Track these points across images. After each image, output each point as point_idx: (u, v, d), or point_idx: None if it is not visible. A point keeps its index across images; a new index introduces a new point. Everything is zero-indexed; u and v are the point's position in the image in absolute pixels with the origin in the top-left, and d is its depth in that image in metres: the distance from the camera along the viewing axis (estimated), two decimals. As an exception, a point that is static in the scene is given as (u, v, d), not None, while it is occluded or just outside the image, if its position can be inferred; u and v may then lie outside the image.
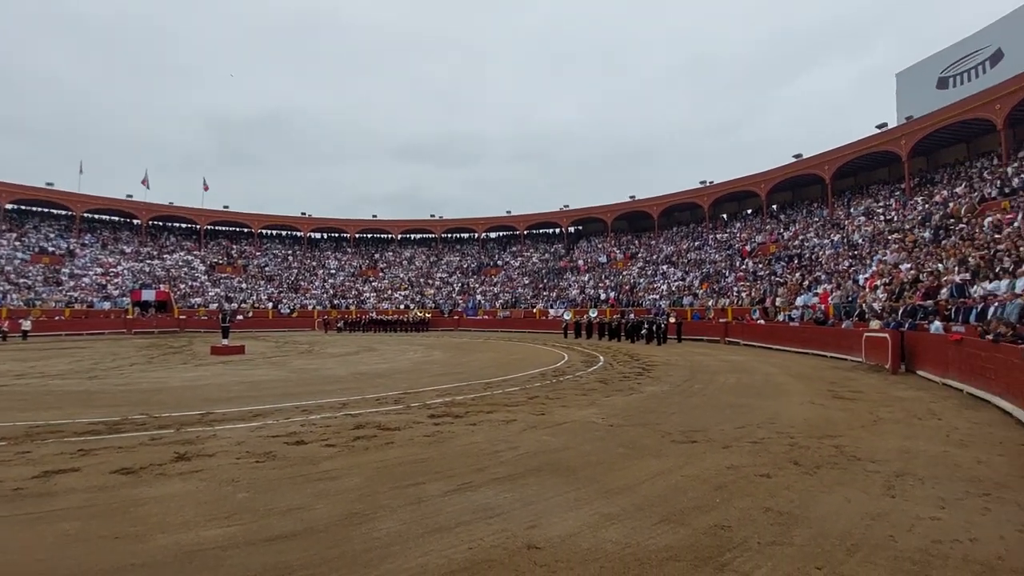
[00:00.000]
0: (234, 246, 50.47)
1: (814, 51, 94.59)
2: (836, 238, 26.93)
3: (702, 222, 40.43)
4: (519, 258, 50.16)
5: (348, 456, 5.75)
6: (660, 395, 9.84)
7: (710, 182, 39.26)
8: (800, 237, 30.33)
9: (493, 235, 54.52)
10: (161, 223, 49.08)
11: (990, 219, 17.72)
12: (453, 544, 3.56)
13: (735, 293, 28.20)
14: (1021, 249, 13.24)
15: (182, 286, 42.40)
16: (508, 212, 51.18)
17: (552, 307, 38.40)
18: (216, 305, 40.53)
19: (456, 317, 41.94)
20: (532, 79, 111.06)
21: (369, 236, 55.34)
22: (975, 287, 12.96)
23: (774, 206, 36.43)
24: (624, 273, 39.62)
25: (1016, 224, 15.84)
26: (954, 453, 5.85)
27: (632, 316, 28.38)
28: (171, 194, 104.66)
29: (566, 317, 33.20)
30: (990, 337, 8.63)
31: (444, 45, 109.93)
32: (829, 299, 19.97)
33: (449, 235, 54.90)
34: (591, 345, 23.53)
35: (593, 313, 32.67)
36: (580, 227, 51.08)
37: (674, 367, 14.31)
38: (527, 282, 45.26)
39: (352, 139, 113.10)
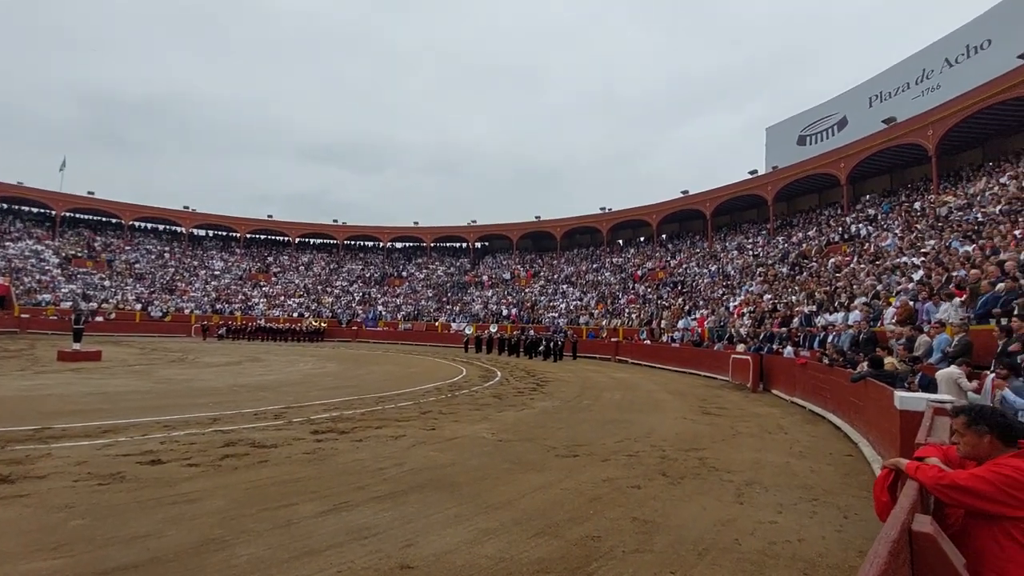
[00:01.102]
0: (98, 238, 44.49)
1: (707, 98, 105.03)
2: (713, 268, 29.84)
3: (600, 246, 42.77)
4: (424, 270, 49.56)
5: (212, 476, 5.27)
6: (550, 410, 10.17)
7: (609, 209, 41.77)
8: (684, 266, 33.19)
9: (399, 245, 53.41)
10: (6, 206, 42.04)
11: (833, 260, 20.69)
12: (321, 568, 3.40)
13: (627, 314, 30.06)
14: (855, 287, 15.60)
15: (27, 279, 36.48)
16: (416, 223, 50.51)
17: (455, 321, 38.31)
18: (70, 304, 35.28)
19: (355, 328, 40.31)
20: (450, 92, 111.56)
21: (263, 237, 51.64)
22: (819, 317, 15.02)
23: (664, 235, 39.57)
24: (527, 290, 40.65)
25: (852, 266, 18.63)
26: (794, 463, 6.66)
27: (532, 333, 29.14)
28: (21, 173, 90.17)
29: (467, 331, 33.28)
30: (826, 362, 10.03)
31: (363, 46, 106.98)
32: (705, 323, 21.99)
33: (352, 242, 52.84)
34: (490, 360, 23.76)
35: (494, 328, 33.08)
36: (486, 243, 51.71)
37: (566, 383, 14.87)
38: (431, 295, 44.79)
39: (253, 134, 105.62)
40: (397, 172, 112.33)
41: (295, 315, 41.45)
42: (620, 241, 43.61)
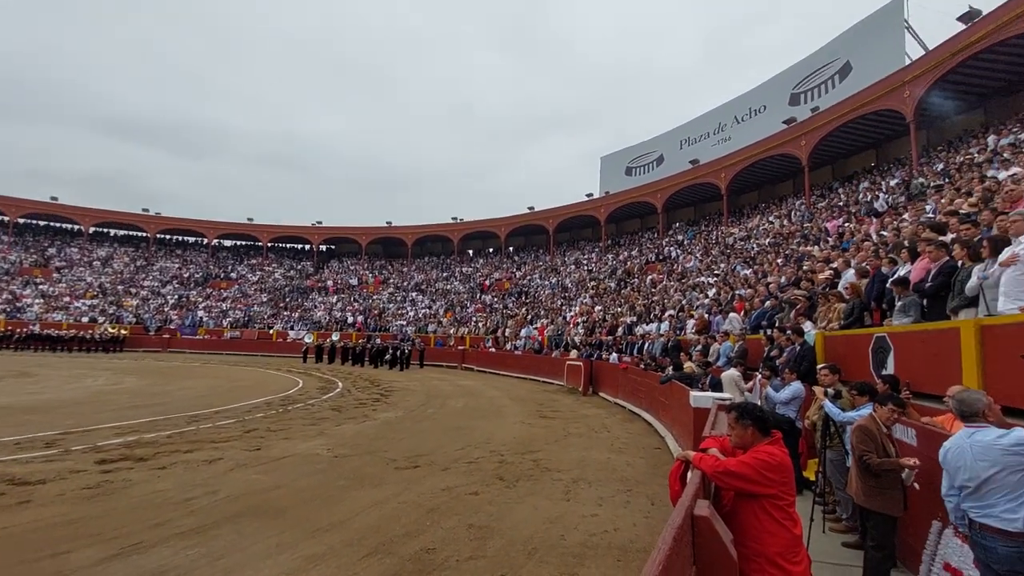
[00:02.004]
0: None
1: (554, 124, 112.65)
2: (553, 281, 32.10)
3: (451, 255, 43.19)
4: (259, 272, 44.86)
5: (-59, 530, 4.09)
6: (393, 421, 9.91)
7: (461, 219, 42.45)
8: (528, 277, 35.13)
9: (228, 243, 47.60)
10: None
11: (650, 277, 23.71)
12: (98, 627, 2.84)
13: (474, 323, 30.74)
14: (666, 301, 18.06)
15: None
16: (250, 220, 45.51)
17: (293, 329, 35.30)
18: None
19: (167, 336, 34.75)
20: (298, 84, 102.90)
21: (42, 224, 42.00)
22: (638, 327, 17.07)
23: (511, 248, 41.43)
24: (375, 297, 39.22)
25: (664, 283, 21.54)
26: (614, 459, 7.42)
27: (378, 341, 28.16)
28: None
29: (307, 340, 30.91)
30: (642, 366, 11.43)
31: (191, 19, 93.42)
32: (545, 332, 23.50)
33: (168, 237, 45.65)
34: (332, 370, 22.36)
35: (336, 337, 31.24)
36: (333, 246, 48.74)
37: (412, 392, 14.65)
38: (266, 299, 40.67)
39: (28, 92, 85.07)
40: (230, 161, 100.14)
41: (86, 320, 34.32)
42: (470, 251, 44.54)
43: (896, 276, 5.97)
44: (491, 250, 43.14)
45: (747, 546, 2.57)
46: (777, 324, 8.50)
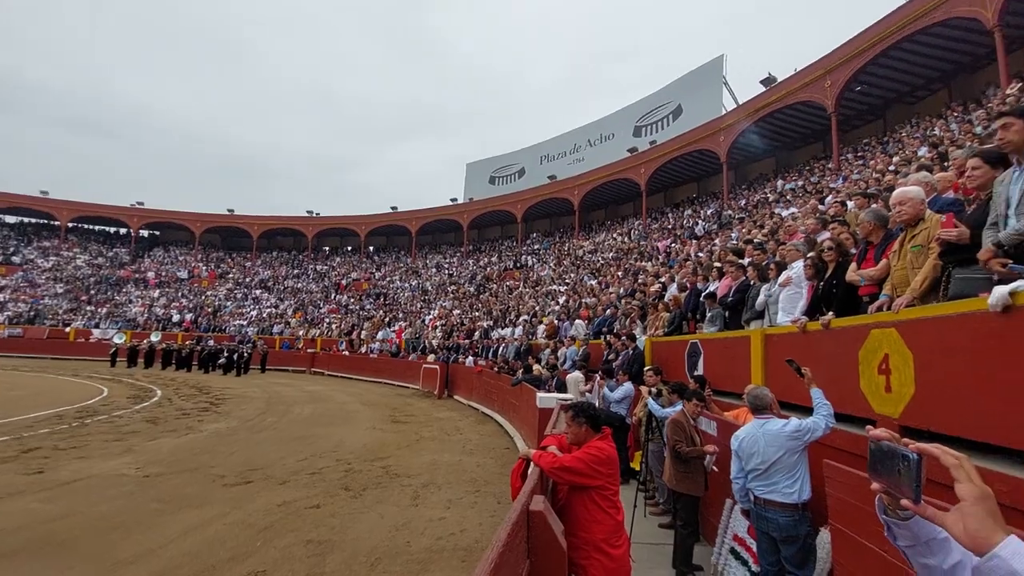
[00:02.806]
0: None
1: (423, 125, 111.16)
2: (414, 283, 31.67)
3: (304, 251, 40.16)
4: (54, 257, 36.99)
5: None
6: (224, 432, 8.89)
7: (317, 213, 39.74)
8: (388, 278, 34.16)
9: (10, 220, 38.54)
10: None
11: (508, 283, 24.64)
12: None
13: (327, 324, 28.95)
14: (521, 307, 18.91)
15: None
16: (44, 193, 37.37)
17: (99, 327, 29.71)
18: None
19: (-98, 333, 26.88)
20: (122, 41, 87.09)
21: None
22: (495, 331, 17.61)
23: (371, 247, 39.89)
24: (209, 293, 34.78)
25: (520, 289, 22.55)
26: (465, 461, 7.54)
27: (211, 343, 25.02)
28: None
29: (117, 341, 26.25)
30: (496, 369, 11.81)
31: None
32: (403, 335, 23.05)
33: (-89, 205, 35.48)
34: (149, 376, 19.29)
35: (156, 337, 27.02)
36: (157, 232, 42.18)
37: (249, 400, 13.28)
38: (62, 291, 33.67)
39: None
40: (25, 120, 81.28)
41: None
42: (326, 248, 41.89)
43: (707, 291, 7.00)
44: (350, 248, 41.08)
45: (576, 535, 2.81)
46: (615, 330, 9.42)
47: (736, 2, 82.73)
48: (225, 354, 22.10)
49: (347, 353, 23.66)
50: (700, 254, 12.24)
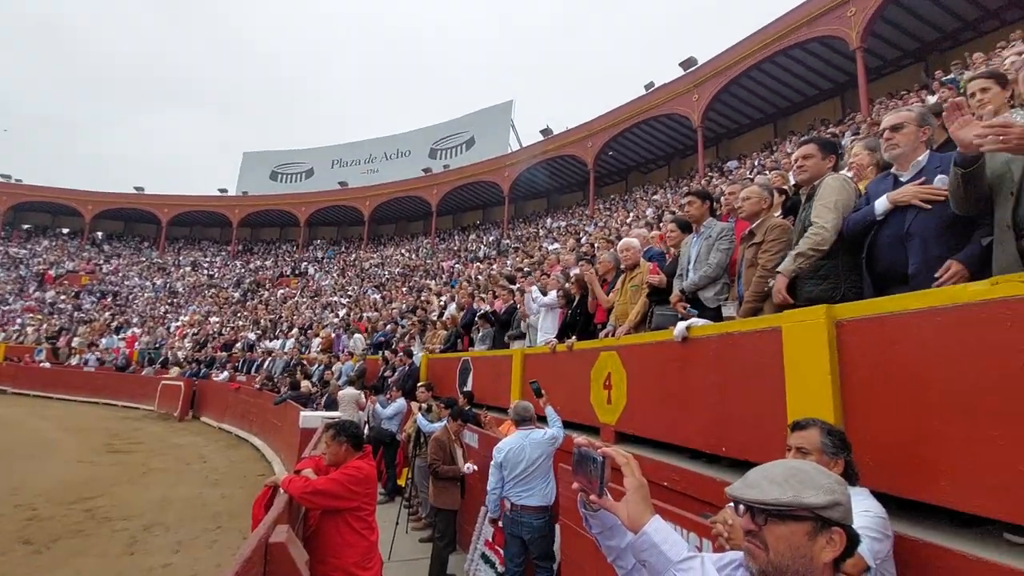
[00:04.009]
0: None
1: (183, 94, 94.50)
2: (159, 282, 26.45)
3: (-12, 227, 30.02)
4: None
5: None
6: None
7: (19, 180, 30.24)
8: (122, 273, 27.79)
9: None
10: None
11: (282, 291, 22.46)
12: None
13: (20, 327, 21.97)
14: (296, 317, 17.38)
15: None
16: None
17: None
18: None
19: None
20: None
21: None
22: (261, 344, 15.76)
23: (100, 233, 31.96)
24: None
25: (297, 298, 20.77)
26: (207, 493, 6.51)
27: None
28: None
29: None
30: (257, 386, 10.58)
31: None
32: (136, 344, 18.94)
33: None
34: None
35: None
36: None
37: None
38: None
39: None
40: None
41: None
42: (26, 226, 32.01)
43: (481, 311, 7.53)
44: (67, 230, 32.21)
45: (326, 561, 2.68)
46: (393, 346, 9.38)
47: (523, 54, 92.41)
48: None
49: (47, 365, 18.31)
50: (479, 276, 13.12)
